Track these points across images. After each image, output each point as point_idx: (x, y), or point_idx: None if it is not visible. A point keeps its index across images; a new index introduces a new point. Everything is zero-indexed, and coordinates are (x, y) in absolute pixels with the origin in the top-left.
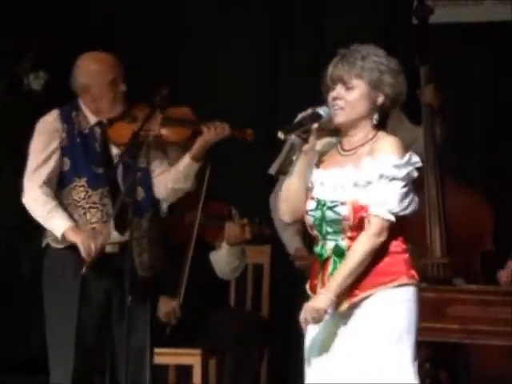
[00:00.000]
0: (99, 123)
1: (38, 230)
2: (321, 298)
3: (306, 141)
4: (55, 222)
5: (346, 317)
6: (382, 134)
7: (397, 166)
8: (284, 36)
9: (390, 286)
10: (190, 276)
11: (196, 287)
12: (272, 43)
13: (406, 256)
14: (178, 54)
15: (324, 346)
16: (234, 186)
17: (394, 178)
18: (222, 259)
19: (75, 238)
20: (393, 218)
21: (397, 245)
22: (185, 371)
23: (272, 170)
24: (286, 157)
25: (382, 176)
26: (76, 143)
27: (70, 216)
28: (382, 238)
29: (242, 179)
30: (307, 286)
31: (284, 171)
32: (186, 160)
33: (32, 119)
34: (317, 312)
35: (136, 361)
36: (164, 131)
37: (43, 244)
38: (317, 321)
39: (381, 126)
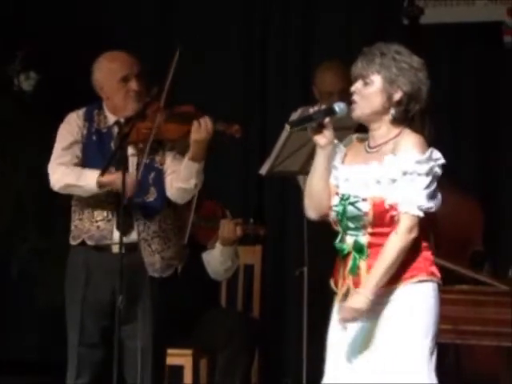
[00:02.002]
0: (117, 123)
1: (28, 231)
2: (359, 299)
3: (317, 131)
4: (87, 175)
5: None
6: (405, 132)
7: (419, 162)
8: (273, 35)
9: (410, 282)
10: (183, 276)
11: (188, 287)
12: (262, 41)
13: (427, 253)
14: (169, 53)
15: (345, 340)
16: (224, 187)
17: (418, 174)
18: (216, 259)
19: (110, 178)
20: (421, 214)
21: (417, 242)
22: (176, 371)
23: (263, 171)
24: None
25: (405, 173)
26: (92, 141)
27: (79, 213)
28: (414, 235)
29: (232, 180)
30: (331, 281)
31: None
32: (185, 160)
33: (22, 120)
34: (356, 312)
35: (140, 360)
36: (162, 128)
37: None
38: (356, 320)
39: (407, 123)
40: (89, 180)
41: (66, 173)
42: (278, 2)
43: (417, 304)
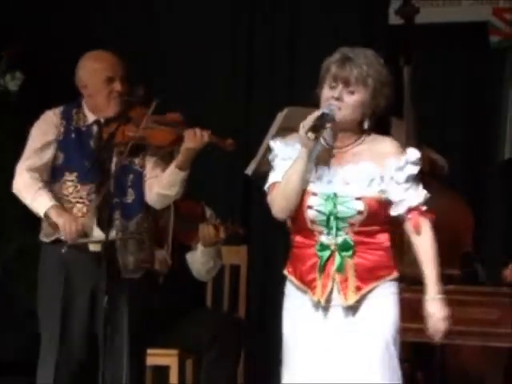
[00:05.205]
0: (96, 122)
1: (13, 231)
2: (441, 304)
3: (318, 140)
4: (40, 202)
5: (352, 310)
6: (372, 135)
7: (415, 163)
8: (259, 35)
9: (388, 279)
10: (167, 276)
11: (173, 288)
12: (248, 41)
13: (393, 250)
14: (156, 54)
15: (330, 341)
16: (210, 187)
17: (417, 174)
18: (198, 260)
19: (57, 218)
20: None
21: (390, 239)
22: (162, 372)
23: (249, 171)
24: (265, 155)
25: (409, 176)
26: (71, 138)
27: None
28: None
29: (218, 180)
30: (295, 280)
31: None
32: (172, 167)
33: (8, 120)
34: (448, 317)
35: (118, 361)
36: (148, 133)
37: (39, 239)
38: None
39: (380, 125)
40: (39, 207)
41: (27, 185)
42: (264, 3)
43: (392, 304)
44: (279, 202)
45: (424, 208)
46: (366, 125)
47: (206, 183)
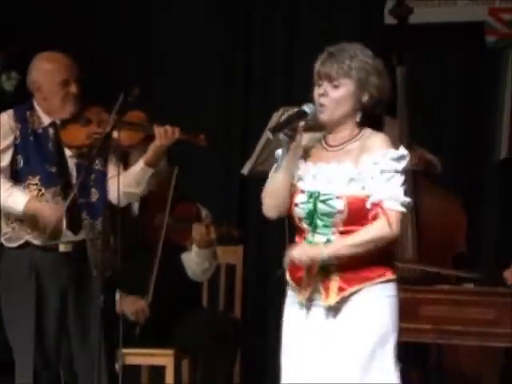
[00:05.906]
0: (52, 124)
1: None
2: (317, 249)
3: (292, 138)
4: (15, 198)
5: (334, 311)
6: (368, 131)
7: (395, 160)
8: (255, 35)
9: (378, 281)
10: (163, 276)
11: (168, 288)
12: (244, 41)
13: (389, 251)
14: (156, 54)
15: (310, 341)
16: (206, 187)
17: (396, 172)
18: (192, 260)
19: (36, 207)
20: (405, 210)
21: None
22: (157, 372)
23: (245, 170)
24: (260, 154)
25: (383, 171)
26: (29, 142)
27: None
28: (396, 231)
29: (215, 180)
30: (288, 277)
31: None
32: (140, 165)
33: None
34: (307, 255)
35: (92, 361)
36: (116, 134)
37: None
38: (302, 260)
39: (374, 124)
40: (16, 203)
41: None
42: (263, 2)
43: (384, 306)
44: (266, 200)
45: (388, 205)
46: (358, 117)
47: (202, 183)
